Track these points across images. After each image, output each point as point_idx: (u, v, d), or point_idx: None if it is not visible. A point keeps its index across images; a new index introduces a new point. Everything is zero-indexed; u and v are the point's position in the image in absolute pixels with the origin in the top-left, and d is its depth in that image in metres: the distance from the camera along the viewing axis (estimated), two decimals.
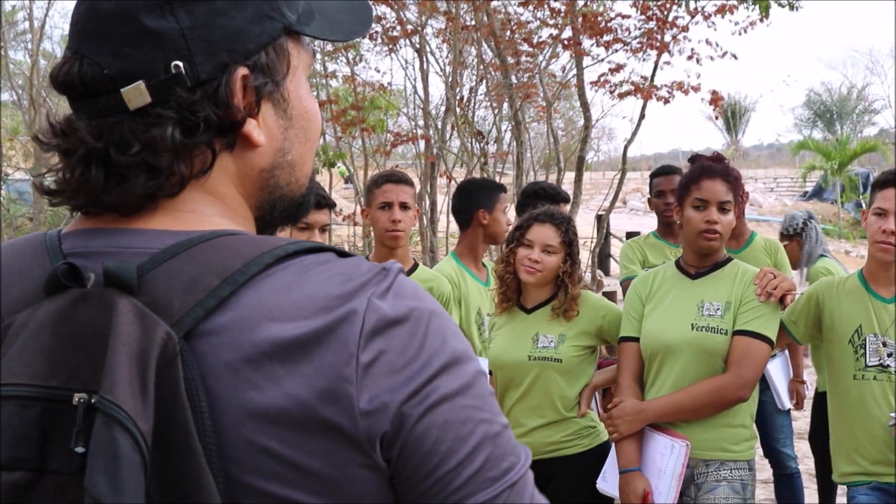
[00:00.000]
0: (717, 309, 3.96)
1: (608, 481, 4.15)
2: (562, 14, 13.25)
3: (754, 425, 4.14)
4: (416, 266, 4.92)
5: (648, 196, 6.39)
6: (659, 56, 13.35)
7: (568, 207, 5.88)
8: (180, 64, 1.15)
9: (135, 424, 0.98)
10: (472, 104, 14.86)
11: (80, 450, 0.97)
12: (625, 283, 5.89)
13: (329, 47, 14.37)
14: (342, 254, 1.17)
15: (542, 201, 5.39)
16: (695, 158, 4.26)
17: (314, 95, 1.35)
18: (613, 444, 4.09)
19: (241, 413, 1.06)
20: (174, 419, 1.02)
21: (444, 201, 15.80)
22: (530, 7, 13.46)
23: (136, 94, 1.14)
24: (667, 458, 3.89)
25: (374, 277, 1.13)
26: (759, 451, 5.83)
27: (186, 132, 1.15)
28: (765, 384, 5.67)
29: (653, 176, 6.38)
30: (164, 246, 1.13)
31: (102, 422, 0.97)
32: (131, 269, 1.08)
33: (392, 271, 1.14)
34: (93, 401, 0.98)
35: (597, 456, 4.22)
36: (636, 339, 4.11)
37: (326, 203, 4.22)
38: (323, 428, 1.06)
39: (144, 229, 1.16)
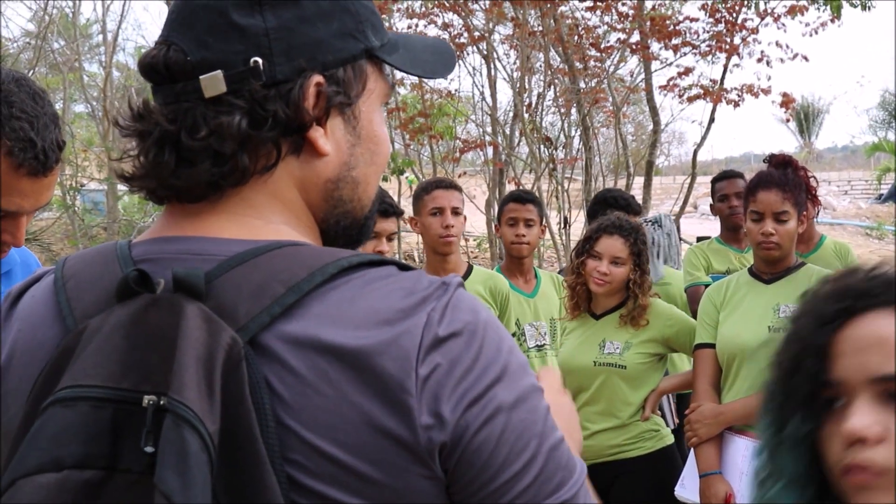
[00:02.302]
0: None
1: (687, 487, 4.14)
2: (630, 18, 13.19)
3: None
4: (471, 268, 4.91)
5: (711, 202, 6.35)
6: (728, 59, 13.24)
7: (639, 219, 5.85)
8: (259, 60, 1.19)
9: (203, 424, 1.01)
10: (541, 110, 14.79)
11: (149, 449, 1.01)
12: (690, 290, 5.85)
13: None
14: (403, 267, 1.20)
15: (613, 210, 5.37)
16: (770, 159, 4.22)
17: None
18: (692, 450, 4.08)
19: (306, 418, 1.08)
20: (239, 421, 1.05)
21: None
22: (598, 11, 13.41)
23: (213, 82, 1.18)
24: (748, 459, 3.85)
25: (434, 292, 1.15)
26: None
27: (254, 124, 1.19)
28: None
29: (714, 181, 6.38)
30: (231, 253, 1.16)
31: (172, 421, 1.00)
32: (199, 276, 1.11)
33: (452, 286, 1.17)
34: (162, 402, 1.02)
35: (659, 459, 4.21)
36: (712, 346, 4.10)
37: (394, 211, 4.22)
38: (384, 438, 1.08)
39: (213, 237, 1.20)
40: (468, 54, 14.98)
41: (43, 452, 1.02)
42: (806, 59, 13.35)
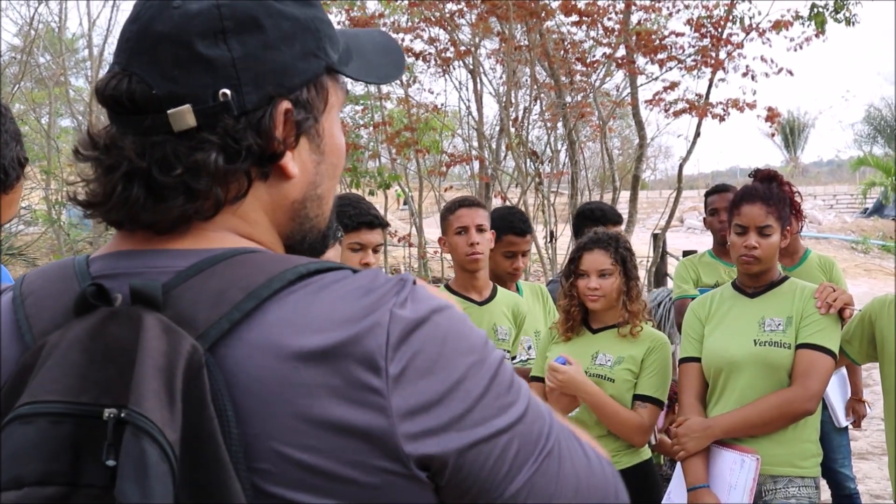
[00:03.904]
0: (779, 324, 3.95)
1: (673, 500, 4.14)
2: (615, 33, 13.22)
3: (818, 442, 4.10)
4: (496, 289, 4.92)
5: (704, 216, 6.38)
6: (714, 73, 13.26)
7: (621, 228, 5.86)
8: (228, 92, 1.18)
9: (162, 434, 1.01)
10: (527, 124, 14.81)
11: (111, 463, 1.00)
12: (678, 303, 5.85)
13: None
14: (357, 271, 1.20)
15: (594, 223, 5.38)
16: (755, 174, 4.24)
17: (368, 118, 1.39)
18: (679, 463, 4.08)
19: (271, 425, 1.08)
20: (201, 429, 1.05)
21: None
22: (584, 26, 13.44)
23: (182, 116, 1.17)
24: (737, 473, 3.86)
25: (392, 288, 1.15)
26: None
27: (228, 159, 1.18)
28: (823, 403, 5.60)
29: (707, 195, 6.41)
30: (188, 264, 1.16)
31: (131, 433, 1.00)
32: (156, 286, 1.11)
33: (408, 281, 1.17)
34: (123, 414, 1.01)
35: (637, 475, 4.18)
36: (697, 360, 4.11)
37: (380, 223, 4.22)
38: (354, 437, 1.08)
39: (169, 249, 1.20)
40: (454, 69, 15.02)
41: (3, 471, 1.02)
42: (791, 73, 13.39)
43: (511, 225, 5.30)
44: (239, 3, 1.22)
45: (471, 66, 15.02)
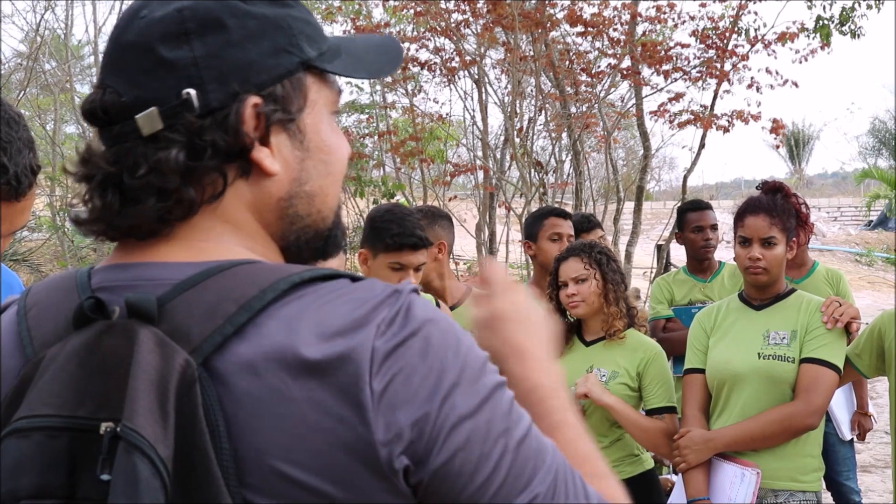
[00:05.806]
0: (784, 338, 3.94)
1: None
2: (621, 44, 13.23)
3: (821, 456, 4.09)
4: (469, 291, 4.85)
5: (677, 231, 6.27)
6: (718, 85, 13.27)
7: (599, 231, 5.89)
8: (192, 91, 1.19)
9: (154, 450, 1.01)
10: (531, 134, 14.79)
11: (105, 477, 1.00)
12: (652, 324, 5.83)
13: (388, 79, 14.44)
14: (356, 279, 1.19)
15: (577, 236, 5.43)
16: (762, 186, 4.24)
17: (373, 127, 1.38)
18: (680, 475, 4.07)
19: (261, 439, 1.08)
20: (193, 444, 1.05)
21: (502, 232, 15.81)
22: (589, 37, 13.45)
23: (149, 120, 1.18)
24: (737, 486, 3.85)
25: (385, 300, 1.14)
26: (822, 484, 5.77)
27: (193, 155, 1.18)
28: (827, 415, 5.59)
29: (685, 211, 6.23)
30: (184, 276, 1.16)
31: (123, 449, 1.00)
32: (151, 300, 1.12)
33: (404, 292, 1.16)
34: (117, 429, 1.01)
35: (638, 484, 4.18)
36: (701, 371, 4.11)
37: (423, 244, 4.02)
38: (343, 455, 1.08)
39: (166, 262, 1.20)
40: (459, 78, 15.02)
41: (2, 484, 1.02)
42: (796, 85, 13.38)
43: (552, 209, 5.49)
44: (202, 5, 1.23)
45: (476, 76, 15.04)
